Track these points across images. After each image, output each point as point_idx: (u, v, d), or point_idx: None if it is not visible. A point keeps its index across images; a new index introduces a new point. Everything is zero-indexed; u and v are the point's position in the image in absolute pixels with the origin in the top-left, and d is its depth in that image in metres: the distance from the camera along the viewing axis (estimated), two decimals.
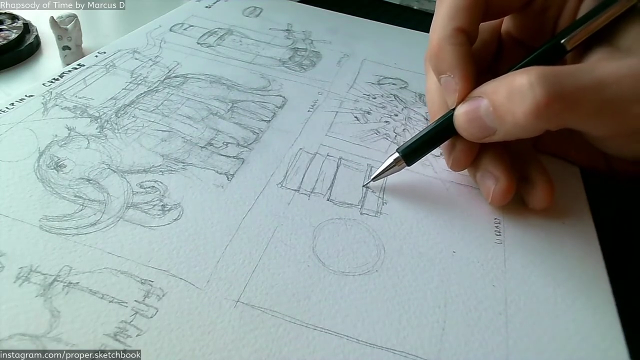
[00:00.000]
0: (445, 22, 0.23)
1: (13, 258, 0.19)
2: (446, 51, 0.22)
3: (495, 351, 0.18)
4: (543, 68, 0.19)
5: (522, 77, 0.19)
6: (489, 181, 0.23)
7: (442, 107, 0.25)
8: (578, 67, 0.19)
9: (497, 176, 0.23)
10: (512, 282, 0.21)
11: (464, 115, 0.22)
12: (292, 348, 0.17)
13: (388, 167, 0.24)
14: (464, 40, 0.22)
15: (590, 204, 0.25)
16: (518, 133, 0.20)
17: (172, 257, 0.20)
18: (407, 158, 0.24)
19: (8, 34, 0.34)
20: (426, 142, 0.24)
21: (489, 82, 0.21)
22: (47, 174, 0.23)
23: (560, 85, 0.18)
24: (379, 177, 0.25)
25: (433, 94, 0.26)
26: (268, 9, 0.43)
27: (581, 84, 0.19)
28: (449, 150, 0.24)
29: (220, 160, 0.25)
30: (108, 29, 0.42)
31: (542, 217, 0.24)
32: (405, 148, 0.24)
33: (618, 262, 0.22)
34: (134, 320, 0.17)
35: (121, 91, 0.29)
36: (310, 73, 0.34)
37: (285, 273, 0.20)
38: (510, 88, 0.19)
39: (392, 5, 0.50)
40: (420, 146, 0.24)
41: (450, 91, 0.22)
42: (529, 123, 0.19)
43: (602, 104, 0.19)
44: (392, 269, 0.21)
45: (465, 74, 0.22)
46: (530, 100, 0.18)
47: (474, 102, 0.21)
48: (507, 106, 0.20)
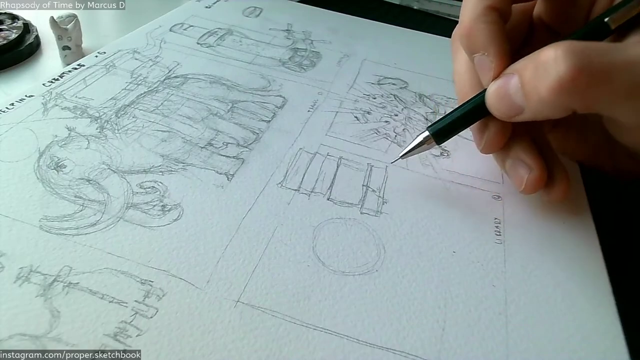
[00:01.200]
0: (477, 0, 0.22)
1: (13, 258, 0.19)
2: (479, 29, 0.22)
3: (495, 351, 0.18)
4: (573, 42, 0.18)
5: (549, 50, 0.18)
6: (522, 170, 0.23)
7: (473, 88, 0.24)
8: (612, 45, 0.18)
9: (530, 165, 0.22)
10: (512, 282, 0.21)
11: (494, 92, 0.21)
12: (292, 348, 0.17)
13: (417, 145, 0.24)
14: (497, 18, 0.22)
15: (590, 204, 0.25)
16: (544, 111, 0.19)
17: (172, 257, 0.20)
18: (437, 136, 0.23)
19: (8, 34, 0.34)
20: (457, 120, 0.23)
21: (522, 59, 0.20)
22: (47, 174, 0.23)
23: (588, 59, 0.17)
24: (408, 155, 0.24)
25: (463, 75, 0.25)
26: (268, 9, 0.43)
27: (614, 61, 0.18)
28: (481, 131, 0.23)
29: (220, 160, 0.25)
30: (108, 29, 0.42)
31: (542, 217, 0.24)
32: (436, 127, 0.23)
33: (618, 262, 0.22)
34: (134, 320, 0.17)
35: (121, 91, 0.29)
36: (310, 73, 0.34)
37: (285, 273, 0.20)
38: (536, 63, 0.19)
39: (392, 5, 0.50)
40: (451, 125, 0.23)
41: (484, 70, 0.22)
42: (552, 99, 0.18)
43: (634, 86, 0.18)
44: (392, 269, 0.21)
45: (500, 52, 0.21)
46: (554, 75, 0.18)
47: (505, 79, 0.21)
48: (533, 82, 0.19)
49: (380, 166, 0.26)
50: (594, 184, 0.26)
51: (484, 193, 0.25)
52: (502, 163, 0.24)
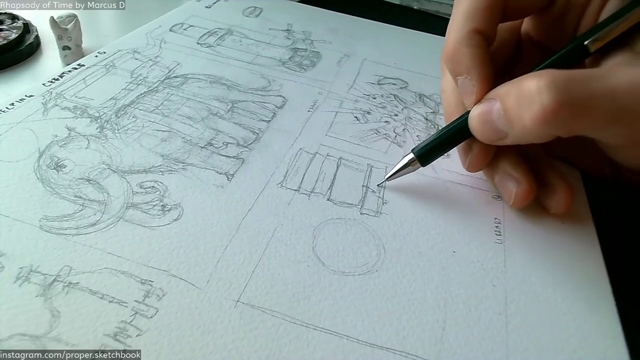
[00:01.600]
0: (462, 23, 0.22)
1: (13, 258, 0.19)
2: (462, 53, 0.22)
3: (495, 351, 0.18)
4: (555, 72, 0.18)
5: (532, 81, 0.18)
6: (510, 184, 0.23)
7: (458, 108, 0.24)
8: (592, 72, 0.19)
9: (518, 179, 0.23)
10: (512, 282, 0.21)
11: (477, 117, 0.21)
12: (292, 348, 0.17)
13: (403, 167, 0.24)
14: (481, 41, 0.22)
15: (590, 204, 0.25)
16: (528, 138, 0.20)
17: (172, 257, 0.20)
18: (422, 159, 0.24)
19: (8, 34, 0.34)
20: (442, 143, 0.24)
21: (504, 84, 0.21)
22: (47, 174, 0.23)
23: (570, 91, 0.18)
24: (393, 177, 0.25)
25: (449, 94, 0.26)
26: (268, 9, 0.43)
27: (593, 91, 0.18)
28: (465, 152, 0.24)
29: (220, 160, 0.25)
30: (108, 29, 0.42)
31: (542, 217, 0.24)
32: (421, 149, 0.24)
33: (618, 263, 0.22)
34: (134, 320, 0.17)
35: (121, 91, 0.29)
36: (310, 73, 0.34)
37: (285, 273, 0.20)
38: (519, 92, 0.19)
39: (392, 5, 0.50)
40: (435, 147, 0.24)
41: (467, 93, 0.22)
42: (536, 129, 0.19)
43: (615, 113, 0.18)
44: (392, 269, 0.21)
45: (482, 76, 0.22)
46: (538, 106, 0.18)
47: (487, 105, 0.21)
48: (516, 110, 0.19)
49: (380, 166, 0.26)
50: (594, 184, 0.26)
51: (484, 193, 0.25)
52: (491, 178, 0.25)
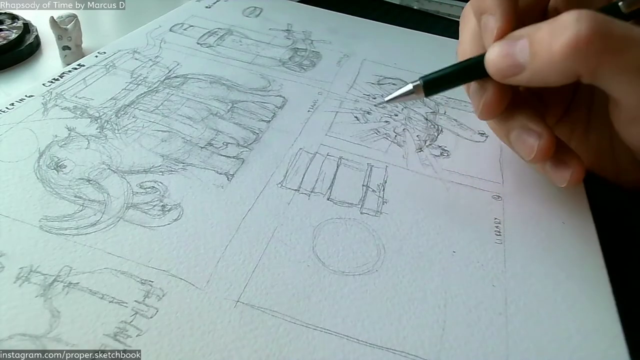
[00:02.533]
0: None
1: (13, 258, 0.19)
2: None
3: (495, 351, 0.18)
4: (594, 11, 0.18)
5: (570, 13, 0.18)
6: (530, 138, 0.22)
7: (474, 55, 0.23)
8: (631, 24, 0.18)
9: (539, 132, 0.22)
10: (512, 282, 0.21)
11: (497, 49, 0.21)
12: (292, 348, 0.17)
13: (406, 92, 0.23)
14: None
15: (590, 204, 0.25)
16: (547, 73, 0.19)
17: (172, 257, 0.20)
18: (428, 87, 0.23)
19: (8, 34, 0.34)
20: (452, 74, 0.22)
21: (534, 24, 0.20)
22: (47, 174, 0.23)
23: (609, 27, 0.17)
24: (394, 101, 0.24)
25: (466, 44, 0.25)
26: (268, 9, 0.43)
27: (632, 35, 0.18)
28: (479, 94, 0.23)
29: (220, 160, 0.25)
30: (108, 29, 0.42)
31: (542, 217, 0.24)
32: (429, 76, 0.23)
33: (618, 263, 0.22)
34: (134, 320, 0.17)
35: (121, 91, 0.29)
36: (310, 73, 0.34)
37: (285, 273, 0.20)
38: (554, 23, 0.18)
39: (392, 5, 0.50)
40: (444, 78, 0.22)
41: (488, 30, 0.21)
42: (563, 59, 0.18)
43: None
44: (392, 269, 0.21)
45: (507, 13, 0.21)
46: (573, 32, 0.17)
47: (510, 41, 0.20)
48: (546, 40, 0.19)
49: (380, 166, 0.26)
50: (594, 183, 0.26)
51: (484, 193, 0.25)
52: (506, 136, 0.23)
